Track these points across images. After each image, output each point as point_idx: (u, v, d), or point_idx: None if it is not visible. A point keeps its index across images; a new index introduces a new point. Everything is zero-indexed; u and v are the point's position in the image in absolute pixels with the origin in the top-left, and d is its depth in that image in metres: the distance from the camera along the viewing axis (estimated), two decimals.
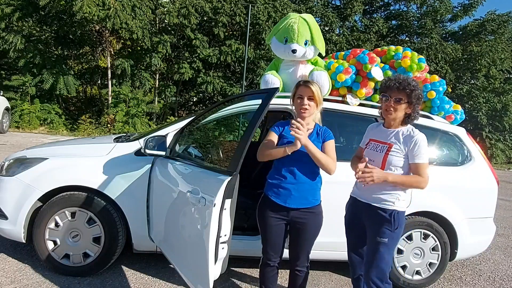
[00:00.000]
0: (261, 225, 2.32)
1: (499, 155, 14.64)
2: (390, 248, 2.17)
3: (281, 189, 2.22)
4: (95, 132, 12.08)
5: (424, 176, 2.09)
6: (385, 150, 2.15)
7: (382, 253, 2.15)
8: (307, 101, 2.21)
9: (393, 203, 2.14)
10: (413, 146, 2.09)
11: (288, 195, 2.21)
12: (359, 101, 3.20)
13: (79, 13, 10.85)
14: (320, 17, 14.66)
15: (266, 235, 2.31)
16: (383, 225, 2.14)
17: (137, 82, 13.23)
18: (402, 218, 2.18)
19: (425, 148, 2.10)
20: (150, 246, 2.92)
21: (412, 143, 2.09)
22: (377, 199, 2.17)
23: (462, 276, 3.57)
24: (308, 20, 3.20)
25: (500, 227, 5.22)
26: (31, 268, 2.96)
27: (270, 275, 2.39)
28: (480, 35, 15.37)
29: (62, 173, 2.85)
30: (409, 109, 2.13)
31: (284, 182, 2.22)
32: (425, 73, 3.32)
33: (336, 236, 3.01)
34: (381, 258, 2.15)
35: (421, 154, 2.08)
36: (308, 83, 2.26)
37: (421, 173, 2.08)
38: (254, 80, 14.35)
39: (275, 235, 2.28)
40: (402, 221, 2.18)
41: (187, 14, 12.42)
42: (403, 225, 2.20)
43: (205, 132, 4.27)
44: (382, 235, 2.14)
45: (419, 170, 2.09)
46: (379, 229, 2.15)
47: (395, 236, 2.16)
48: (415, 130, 2.15)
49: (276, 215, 2.25)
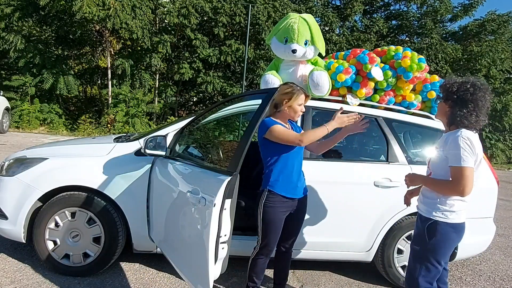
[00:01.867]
0: (269, 222, 2.37)
1: (499, 155, 14.65)
2: (424, 259, 2.03)
3: (291, 184, 2.39)
4: (95, 132, 12.08)
5: (460, 181, 1.86)
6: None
7: (413, 262, 2.07)
8: None
9: (433, 212, 2.00)
10: (449, 147, 1.92)
11: (295, 187, 2.42)
12: (359, 101, 3.20)
13: (79, 13, 10.86)
14: (320, 17, 14.65)
15: (273, 231, 2.39)
16: (418, 231, 2.09)
17: (137, 82, 13.22)
18: (447, 230, 1.98)
19: (466, 150, 1.86)
20: (150, 246, 2.92)
21: (448, 144, 1.93)
22: (421, 206, 2.12)
23: (462, 276, 3.57)
24: (308, 20, 3.19)
25: (500, 227, 5.22)
26: (31, 268, 2.96)
27: (265, 266, 2.53)
28: (480, 35, 15.35)
29: (62, 173, 2.85)
30: (447, 106, 2.00)
31: (294, 176, 2.40)
32: (425, 73, 3.31)
33: (335, 236, 3.02)
34: (412, 267, 2.08)
35: (459, 156, 1.86)
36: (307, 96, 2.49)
37: (460, 177, 1.86)
38: (254, 80, 14.35)
39: (280, 229, 2.42)
40: (444, 234, 1.98)
41: (187, 14, 12.42)
42: (449, 238, 1.99)
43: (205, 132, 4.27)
44: (415, 241, 2.09)
45: (457, 174, 1.88)
46: (415, 235, 2.12)
47: (431, 247, 2.00)
48: (460, 131, 1.93)
49: (284, 209, 2.40)
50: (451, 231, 1.99)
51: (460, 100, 1.95)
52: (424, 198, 2.10)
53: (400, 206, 2.99)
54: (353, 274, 3.35)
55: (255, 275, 2.51)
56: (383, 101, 3.34)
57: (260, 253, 2.45)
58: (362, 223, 3.01)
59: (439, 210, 1.99)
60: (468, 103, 1.93)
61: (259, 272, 2.52)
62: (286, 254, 2.62)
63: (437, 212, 2.00)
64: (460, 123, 1.95)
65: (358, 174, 3.00)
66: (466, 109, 1.93)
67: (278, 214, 2.37)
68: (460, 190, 1.88)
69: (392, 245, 3.06)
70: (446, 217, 1.98)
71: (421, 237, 2.04)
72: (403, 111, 3.29)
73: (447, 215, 1.98)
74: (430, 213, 2.02)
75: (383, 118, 3.13)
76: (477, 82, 1.97)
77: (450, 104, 2.00)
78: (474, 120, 1.93)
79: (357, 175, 2.99)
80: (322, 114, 3.31)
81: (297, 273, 3.29)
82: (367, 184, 2.96)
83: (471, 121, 1.94)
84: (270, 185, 2.36)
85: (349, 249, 3.07)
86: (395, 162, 3.03)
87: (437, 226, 1.98)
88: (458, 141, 1.88)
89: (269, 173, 2.37)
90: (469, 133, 1.93)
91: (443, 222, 1.98)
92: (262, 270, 2.53)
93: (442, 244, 2.00)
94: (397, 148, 3.07)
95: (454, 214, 1.98)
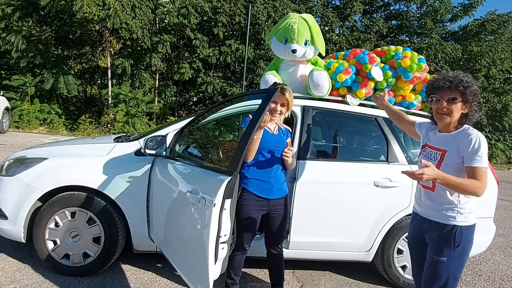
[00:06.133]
0: (242, 219, 2.41)
1: (499, 155, 14.65)
2: (453, 268, 1.91)
3: (266, 184, 2.42)
4: (95, 132, 12.08)
5: (482, 181, 1.79)
6: (438, 158, 1.92)
7: (441, 273, 1.91)
8: (280, 108, 2.41)
9: (454, 218, 1.88)
10: (468, 147, 1.82)
11: (271, 188, 2.44)
12: (359, 101, 3.20)
13: (79, 13, 10.86)
14: (320, 17, 14.66)
15: (246, 227, 2.44)
16: (441, 242, 1.91)
17: (137, 82, 13.23)
18: (469, 233, 1.90)
19: (484, 150, 1.81)
20: (150, 246, 2.92)
21: (466, 144, 1.83)
22: (433, 213, 1.95)
23: (462, 276, 3.57)
24: (308, 20, 3.20)
25: (500, 227, 5.22)
26: (31, 268, 2.96)
27: (241, 263, 2.57)
28: (480, 35, 15.36)
29: (62, 173, 2.85)
30: (466, 108, 1.87)
31: (270, 177, 2.43)
32: (425, 73, 3.32)
33: (335, 236, 3.02)
34: (438, 278, 1.92)
35: (478, 156, 1.80)
36: (283, 90, 2.39)
37: (479, 178, 1.79)
38: (254, 80, 14.35)
39: (254, 227, 2.46)
40: (467, 237, 1.89)
41: (187, 14, 12.43)
42: (471, 240, 1.91)
43: (205, 132, 4.27)
44: (440, 253, 1.91)
45: (476, 175, 1.79)
46: (437, 247, 1.93)
47: (457, 255, 1.89)
48: (471, 129, 1.88)
49: (258, 208, 2.43)
50: (472, 233, 1.92)
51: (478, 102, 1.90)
52: (436, 204, 1.94)
53: (400, 206, 3.01)
54: (353, 274, 3.35)
55: (233, 272, 2.55)
56: None
57: (236, 249, 2.51)
58: (362, 223, 3.01)
59: (461, 214, 1.88)
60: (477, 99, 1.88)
61: (236, 269, 2.55)
62: (278, 255, 2.63)
63: (460, 216, 1.88)
64: (470, 121, 1.89)
65: (358, 174, 3.00)
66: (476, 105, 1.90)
67: (251, 212, 2.40)
68: (483, 190, 1.81)
69: (392, 245, 3.06)
70: (468, 220, 1.89)
71: (446, 247, 1.90)
72: (403, 111, 3.29)
73: (469, 218, 1.90)
74: (452, 219, 1.88)
75: (383, 118, 3.13)
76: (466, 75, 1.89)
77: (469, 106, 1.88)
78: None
79: (357, 175, 2.99)
80: (322, 114, 3.31)
81: (297, 273, 3.29)
82: (367, 184, 2.96)
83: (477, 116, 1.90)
84: (244, 183, 2.42)
85: (349, 249, 3.07)
86: (395, 162, 3.03)
87: (462, 231, 1.87)
88: (479, 141, 1.81)
89: (245, 172, 2.43)
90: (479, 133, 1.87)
91: (465, 226, 1.88)
92: (239, 266, 2.57)
93: (467, 248, 1.91)
94: (397, 148, 3.07)
95: (473, 215, 1.91)
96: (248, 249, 2.54)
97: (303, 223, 2.92)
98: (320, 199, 2.93)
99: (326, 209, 2.97)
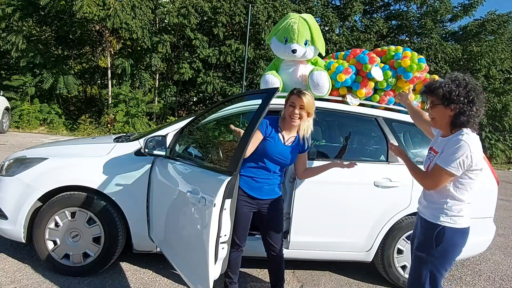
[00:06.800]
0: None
1: (499, 155, 14.64)
2: (432, 267, 1.93)
3: (256, 184, 2.43)
4: (95, 132, 12.08)
5: (431, 179, 1.87)
6: (432, 159, 1.96)
7: (420, 270, 1.95)
8: (298, 111, 2.36)
9: (439, 218, 1.91)
10: (448, 148, 1.84)
11: (261, 188, 2.44)
12: (359, 101, 3.20)
13: (79, 13, 10.86)
14: (320, 17, 14.65)
15: (238, 224, 2.40)
16: (424, 238, 1.96)
17: (137, 82, 13.23)
18: (454, 235, 1.90)
19: (460, 155, 1.78)
20: (150, 246, 2.92)
21: (449, 145, 1.84)
22: (425, 211, 2.00)
23: (462, 276, 3.57)
24: (308, 20, 3.20)
25: (500, 227, 5.22)
26: (31, 268, 2.96)
27: (238, 260, 2.57)
28: (480, 35, 15.35)
29: (62, 173, 2.85)
30: (451, 110, 1.85)
31: (262, 178, 2.43)
32: (425, 73, 3.32)
33: (335, 236, 3.02)
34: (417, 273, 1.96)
35: (448, 156, 1.81)
36: (301, 93, 2.36)
37: (431, 174, 1.88)
38: (254, 80, 14.35)
39: (245, 224, 2.47)
40: (452, 240, 1.90)
41: (187, 14, 12.42)
42: (456, 243, 1.91)
43: (205, 132, 4.27)
44: (419, 248, 1.96)
45: (433, 170, 1.87)
46: (419, 241, 1.98)
47: (438, 255, 1.90)
48: (465, 134, 1.83)
49: (248, 205, 2.44)
50: (458, 237, 1.91)
51: (468, 101, 1.83)
52: (428, 203, 1.99)
53: (400, 206, 3.01)
54: (353, 274, 3.35)
55: (230, 270, 2.53)
56: (383, 101, 3.35)
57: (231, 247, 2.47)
58: (362, 223, 3.01)
59: (447, 215, 1.90)
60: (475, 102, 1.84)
61: (233, 267, 2.53)
62: (277, 257, 2.61)
63: (445, 217, 1.90)
64: (467, 123, 1.85)
65: (358, 174, 2.99)
66: (475, 108, 1.84)
67: (240, 207, 2.38)
68: (428, 186, 1.92)
69: (392, 245, 3.06)
70: (454, 223, 1.89)
71: (426, 244, 1.94)
72: (403, 111, 3.29)
73: (455, 220, 1.89)
74: (437, 219, 1.91)
75: (383, 118, 3.13)
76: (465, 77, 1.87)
77: (454, 107, 1.84)
78: (478, 116, 1.87)
79: (357, 175, 2.99)
80: (322, 114, 3.31)
81: (297, 273, 3.29)
82: (367, 184, 2.96)
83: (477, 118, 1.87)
84: None
85: (349, 249, 3.07)
86: (395, 162, 3.03)
87: (445, 232, 1.88)
88: (460, 146, 1.79)
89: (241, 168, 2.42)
90: (472, 137, 1.83)
91: (451, 228, 1.89)
92: (236, 264, 2.55)
93: (450, 250, 1.91)
94: None
95: (462, 218, 1.91)
96: (243, 246, 2.53)
97: (303, 223, 2.92)
98: (320, 199, 2.93)
99: (326, 209, 2.97)
